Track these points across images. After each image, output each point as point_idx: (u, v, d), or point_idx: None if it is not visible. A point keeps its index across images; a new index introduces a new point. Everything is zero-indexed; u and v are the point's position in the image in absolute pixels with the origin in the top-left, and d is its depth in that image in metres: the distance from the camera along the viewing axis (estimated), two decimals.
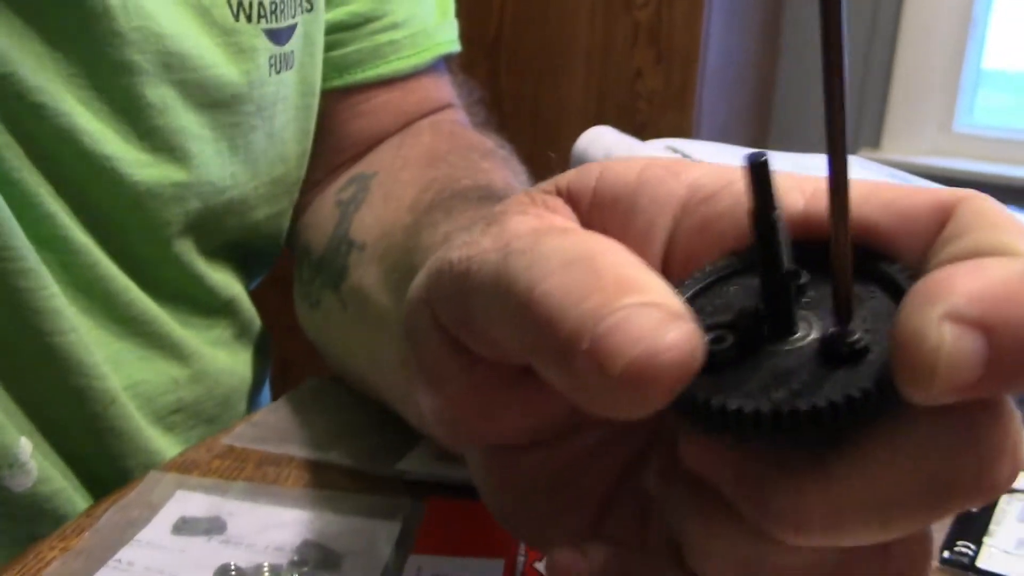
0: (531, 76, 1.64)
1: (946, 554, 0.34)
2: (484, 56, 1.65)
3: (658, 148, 0.59)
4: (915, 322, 0.16)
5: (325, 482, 0.38)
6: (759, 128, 1.99)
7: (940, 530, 0.36)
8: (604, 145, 0.60)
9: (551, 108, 1.64)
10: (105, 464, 0.44)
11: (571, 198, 0.23)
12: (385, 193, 0.47)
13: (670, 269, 0.22)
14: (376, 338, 0.40)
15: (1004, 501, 0.38)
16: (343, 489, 0.38)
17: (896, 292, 0.19)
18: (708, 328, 0.19)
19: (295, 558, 0.33)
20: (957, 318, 0.16)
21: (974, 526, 0.36)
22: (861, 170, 0.63)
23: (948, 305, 0.16)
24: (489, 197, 0.37)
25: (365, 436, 0.42)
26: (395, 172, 0.48)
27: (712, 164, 0.23)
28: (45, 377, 0.41)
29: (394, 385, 0.39)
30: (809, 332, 0.19)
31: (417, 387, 0.24)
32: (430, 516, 0.35)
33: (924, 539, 0.20)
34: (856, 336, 0.18)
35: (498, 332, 0.21)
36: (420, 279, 0.24)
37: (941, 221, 0.20)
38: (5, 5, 0.37)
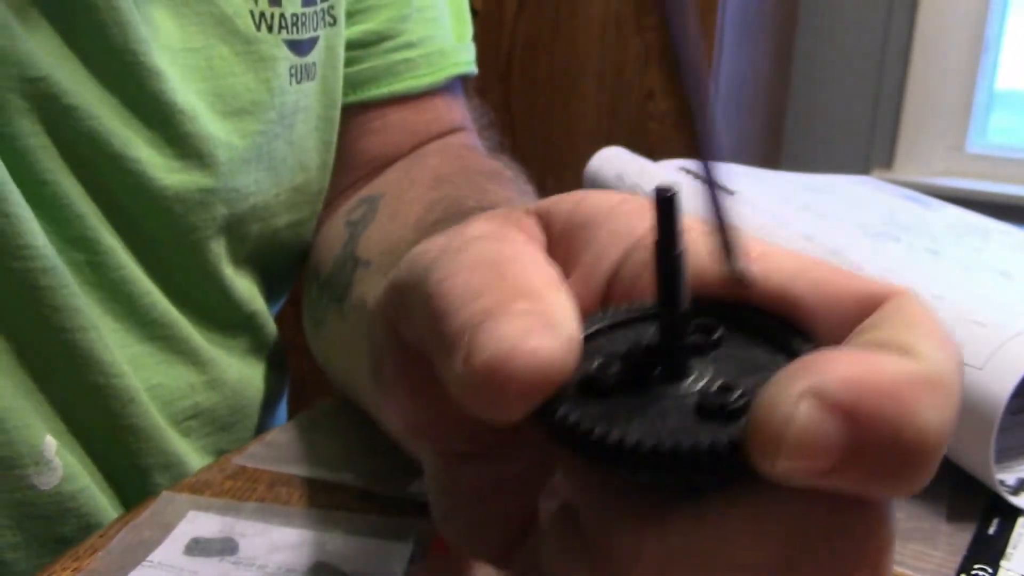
0: (543, 98, 1.65)
1: None
2: (496, 78, 1.66)
3: (671, 169, 0.59)
4: (774, 390, 0.16)
5: (337, 503, 0.38)
6: (771, 149, 1.99)
7: (956, 553, 0.35)
8: (616, 166, 0.60)
9: (563, 130, 1.64)
10: (125, 462, 0.45)
11: (548, 220, 0.23)
12: (391, 212, 0.47)
13: (610, 303, 0.22)
14: None
15: (1021, 525, 0.37)
16: (355, 510, 0.38)
17: None
18: (602, 355, 0.19)
19: None
20: (820, 396, 0.16)
21: (991, 549, 0.36)
22: (875, 190, 0.62)
23: (813, 382, 0.16)
24: None
25: (377, 457, 0.42)
26: (401, 193, 0.48)
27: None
28: (66, 374, 0.41)
29: None
30: (700, 383, 0.19)
31: (378, 392, 0.25)
32: (442, 538, 0.35)
33: None
34: (734, 396, 0.18)
35: (416, 323, 0.21)
36: (383, 287, 0.24)
37: (867, 311, 0.19)
38: (36, 12, 0.38)
